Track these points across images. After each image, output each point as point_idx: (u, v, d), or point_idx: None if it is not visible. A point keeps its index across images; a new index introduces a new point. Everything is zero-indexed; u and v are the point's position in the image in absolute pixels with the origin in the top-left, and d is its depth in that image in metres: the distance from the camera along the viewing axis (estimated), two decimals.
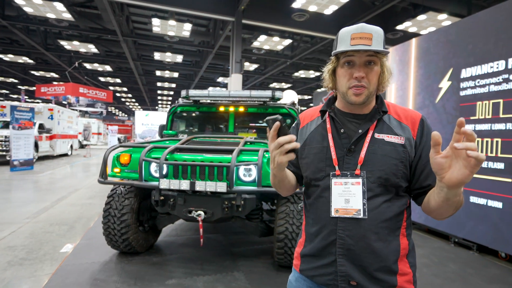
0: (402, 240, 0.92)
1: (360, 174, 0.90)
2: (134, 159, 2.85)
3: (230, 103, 3.95)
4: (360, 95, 0.91)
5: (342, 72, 0.93)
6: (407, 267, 0.93)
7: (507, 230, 3.16)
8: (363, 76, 0.89)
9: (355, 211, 0.89)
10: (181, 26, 11.36)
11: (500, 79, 3.24)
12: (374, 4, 9.75)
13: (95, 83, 22.42)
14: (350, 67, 0.91)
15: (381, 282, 0.89)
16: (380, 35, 0.89)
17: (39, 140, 11.53)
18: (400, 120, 0.95)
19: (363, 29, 0.88)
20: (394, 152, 0.90)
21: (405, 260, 0.93)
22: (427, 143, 0.90)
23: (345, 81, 0.92)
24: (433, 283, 2.78)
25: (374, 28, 0.89)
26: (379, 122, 0.95)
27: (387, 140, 0.91)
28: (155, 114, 18.23)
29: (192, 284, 2.64)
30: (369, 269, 0.89)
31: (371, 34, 0.87)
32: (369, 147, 0.91)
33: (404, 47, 4.59)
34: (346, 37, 0.89)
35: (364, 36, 0.87)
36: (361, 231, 0.89)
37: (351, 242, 0.90)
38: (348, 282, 0.91)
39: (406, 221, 0.94)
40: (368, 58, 0.89)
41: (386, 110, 0.95)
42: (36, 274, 2.77)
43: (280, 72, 18.68)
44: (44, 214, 4.68)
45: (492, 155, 3.31)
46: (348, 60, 0.91)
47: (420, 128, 0.93)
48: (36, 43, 13.43)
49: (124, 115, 51.50)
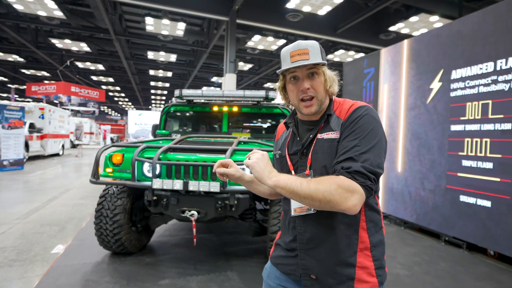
0: (361, 234, 0.97)
1: (309, 174, 0.99)
2: (127, 159, 2.83)
3: (224, 103, 3.95)
4: (310, 107, 1.00)
5: (290, 87, 1.02)
6: (369, 261, 0.96)
7: (495, 228, 3.23)
8: (308, 87, 0.98)
9: (307, 207, 0.97)
10: (175, 25, 11.30)
11: (489, 80, 3.31)
12: (367, 6, 9.84)
13: (87, 82, 22.14)
14: (296, 81, 1.00)
15: (338, 275, 0.95)
16: (316, 48, 0.97)
17: (29, 140, 11.36)
18: (339, 116, 1.01)
19: (299, 46, 0.97)
20: (331, 147, 0.96)
21: (367, 253, 0.97)
22: (348, 126, 0.93)
23: (295, 95, 1.01)
24: (424, 281, 2.82)
25: (310, 43, 0.98)
26: (325, 124, 1.02)
27: (325, 138, 0.99)
28: (149, 113, 18.11)
29: (185, 284, 2.64)
30: (328, 263, 0.97)
31: (307, 49, 0.96)
32: (313, 148, 1.00)
33: (396, 48, 4.64)
34: (287, 55, 0.98)
35: (301, 52, 0.96)
36: (316, 227, 0.98)
37: (308, 237, 1.00)
38: (309, 276, 0.99)
39: (365, 215, 0.97)
40: (309, 71, 0.98)
41: (330, 113, 1.02)
42: (26, 275, 2.73)
43: (274, 72, 18.70)
44: (34, 215, 4.61)
45: (481, 155, 3.37)
46: (293, 75, 1.00)
47: (348, 116, 0.96)
48: (26, 41, 13.21)
49: (117, 115, 50.99)
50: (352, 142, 0.89)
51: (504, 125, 3.15)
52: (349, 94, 5.69)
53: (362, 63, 5.40)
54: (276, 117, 4.08)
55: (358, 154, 0.86)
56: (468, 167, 3.51)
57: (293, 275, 1.04)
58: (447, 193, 3.78)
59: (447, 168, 3.76)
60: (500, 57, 3.20)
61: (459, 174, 3.62)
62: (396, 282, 2.77)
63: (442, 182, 3.84)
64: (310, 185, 0.83)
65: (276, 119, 4.09)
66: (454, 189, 3.69)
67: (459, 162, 3.62)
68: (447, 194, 3.78)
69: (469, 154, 3.51)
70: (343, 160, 0.87)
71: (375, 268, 0.98)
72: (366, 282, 0.95)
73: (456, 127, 3.66)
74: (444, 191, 3.81)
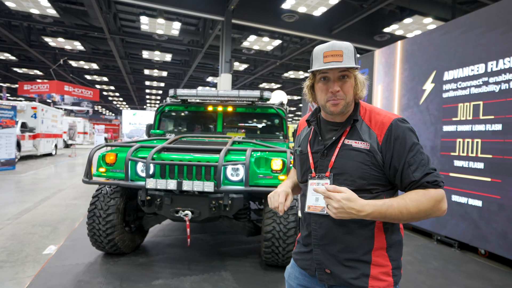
0: (377, 233, 0.98)
1: (329, 176, 1.00)
2: (120, 159, 2.81)
3: (219, 102, 3.94)
4: (337, 105, 0.99)
5: (320, 87, 1.01)
6: (386, 260, 0.98)
7: (486, 227, 3.28)
8: (338, 90, 0.97)
9: (321, 208, 0.98)
10: (170, 24, 11.24)
11: (480, 82, 3.36)
12: (362, 7, 9.91)
13: (81, 81, 21.90)
14: (326, 82, 0.99)
15: (354, 270, 0.98)
16: (350, 51, 0.96)
17: (21, 139, 11.20)
18: (370, 126, 1.01)
19: (333, 47, 0.95)
20: (359, 156, 0.98)
21: (383, 253, 0.98)
22: (395, 146, 0.95)
23: (323, 95, 1.01)
24: (416, 280, 2.86)
25: (344, 44, 0.96)
26: (352, 129, 1.02)
27: (354, 146, 0.99)
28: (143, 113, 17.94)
29: (179, 284, 2.62)
30: (340, 258, 0.99)
31: (342, 51, 0.95)
32: (339, 152, 1.01)
33: (390, 49, 4.69)
34: (320, 55, 0.97)
35: (335, 54, 0.94)
36: (329, 224, 1.00)
37: (322, 233, 1.02)
38: (323, 270, 1.02)
39: None
40: (341, 74, 0.97)
41: (357, 118, 1.02)
42: (17, 276, 2.70)
43: (270, 73, 18.74)
44: (26, 215, 4.55)
45: (472, 155, 3.42)
46: (323, 76, 0.99)
47: (387, 132, 0.97)
48: (18, 39, 13.02)
49: (111, 114, 50.53)
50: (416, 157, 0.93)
51: (495, 125, 3.19)
52: None
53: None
54: (271, 117, 4.08)
55: (428, 168, 0.93)
56: (460, 167, 3.56)
57: (309, 270, 1.07)
58: None
59: (440, 168, 3.81)
60: (491, 59, 3.25)
61: (451, 174, 3.67)
62: None
63: None
64: (409, 209, 0.87)
65: (271, 119, 4.10)
66: (446, 189, 3.73)
67: (451, 162, 3.67)
68: None
69: (460, 155, 3.56)
70: (423, 176, 0.92)
71: (392, 268, 0.98)
72: (382, 281, 0.96)
73: (448, 128, 3.71)
74: None
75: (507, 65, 3.10)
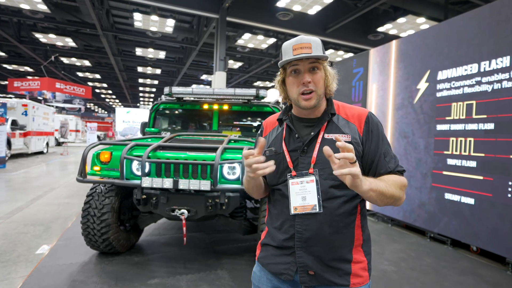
0: (357, 231, 1.00)
1: (313, 172, 0.98)
2: (115, 157, 2.78)
3: (214, 101, 3.92)
4: (310, 100, 0.99)
5: (291, 81, 1.02)
6: (362, 256, 1.01)
7: (477, 224, 3.34)
8: (310, 81, 0.98)
9: (312, 206, 0.96)
10: (164, 21, 11.13)
11: (473, 81, 3.41)
12: (356, 6, 9.96)
13: (73, 78, 21.56)
14: (297, 75, 1.00)
15: (336, 270, 0.98)
16: (318, 44, 0.98)
17: (12, 137, 11.00)
18: (348, 119, 1.04)
19: (302, 40, 0.97)
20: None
21: (360, 249, 1.01)
22: (373, 137, 1.01)
23: (295, 87, 1.01)
24: (409, 276, 2.90)
25: (312, 38, 0.99)
26: (329, 124, 1.03)
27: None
28: (137, 111, 17.77)
29: (175, 283, 2.62)
30: (325, 259, 0.98)
31: (310, 43, 0.97)
32: (320, 147, 0.99)
33: (384, 49, 4.72)
34: (289, 48, 0.98)
35: (304, 46, 0.96)
36: (317, 225, 0.98)
37: (308, 236, 0.98)
38: (306, 272, 0.99)
39: (360, 213, 1.02)
40: (311, 65, 0.98)
41: (334, 112, 1.04)
42: (9, 276, 2.65)
43: (265, 71, 18.72)
44: (18, 214, 4.47)
45: (465, 154, 3.48)
46: (294, 68, 1.00)
47: (366, 124, 1.02)
48: (8, 35, 12.75)
49: (104, 112, 49.92)
50: (387, 148, 1.02)
51: (487, 125, 3.25)
52: (338, 93, 5.75)
53: (352, 63, 5.46)
54: (266, 116, 4.08)
55: (396, 158, 1.02)
56: (453, 166, 3.62)
57: (285, 275, 1.01)
58: (432, 191, 3.88)
59: (433, 166, 3.86)
60: (484, 59, 3.30)
61: (444, 173, 3.72)
62: (383, 278, 2.83)
63: (427, 180, 3.94)
64: (389, 187, 0.92)
65: (266, 117, 4.09)
66: (439, 187, 3.79)
67: (444, 160, 3.72)
68: (432, 192, 3.88)
69: (454, 153, 3.61)
70: (396, 166, 1.00)
71: (367, 262, 1.02)
72: (360, 277, 0.99)
73: (442, 127, 3.76)
74: (429, 189, 3.91)
75: (499, 65, 3.15)
